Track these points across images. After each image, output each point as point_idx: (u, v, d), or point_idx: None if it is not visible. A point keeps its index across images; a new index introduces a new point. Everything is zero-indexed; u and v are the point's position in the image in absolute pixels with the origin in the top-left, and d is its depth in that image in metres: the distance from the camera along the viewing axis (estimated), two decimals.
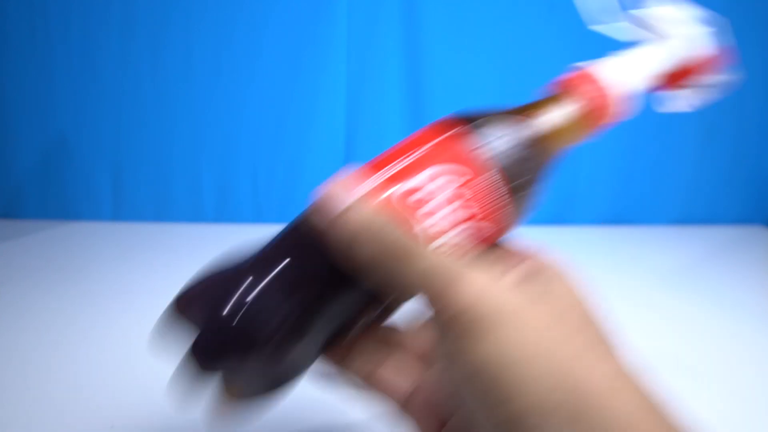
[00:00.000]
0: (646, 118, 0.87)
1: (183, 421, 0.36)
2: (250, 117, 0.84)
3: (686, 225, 0.89)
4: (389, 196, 0.23)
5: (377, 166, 0.24)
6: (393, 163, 0.24)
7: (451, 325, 0.19)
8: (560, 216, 0.88)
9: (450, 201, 0.23)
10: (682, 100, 0.29)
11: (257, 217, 0.87)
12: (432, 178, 0.23)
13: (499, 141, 0.24)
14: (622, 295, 0.60)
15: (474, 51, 0.82)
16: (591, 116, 0.26)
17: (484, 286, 0.19)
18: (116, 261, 0.69)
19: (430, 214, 0.23)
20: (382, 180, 0.23)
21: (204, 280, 0.25)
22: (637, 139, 0.87)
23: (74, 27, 0.80)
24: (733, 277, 0.66)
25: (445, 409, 0.24)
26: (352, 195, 0.22)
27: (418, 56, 0.82)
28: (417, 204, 0.23)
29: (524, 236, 0.26)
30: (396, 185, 0.23)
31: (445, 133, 0.24)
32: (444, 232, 0.23)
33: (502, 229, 0.25)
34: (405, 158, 0.24)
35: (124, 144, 0.84)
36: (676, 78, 0.28)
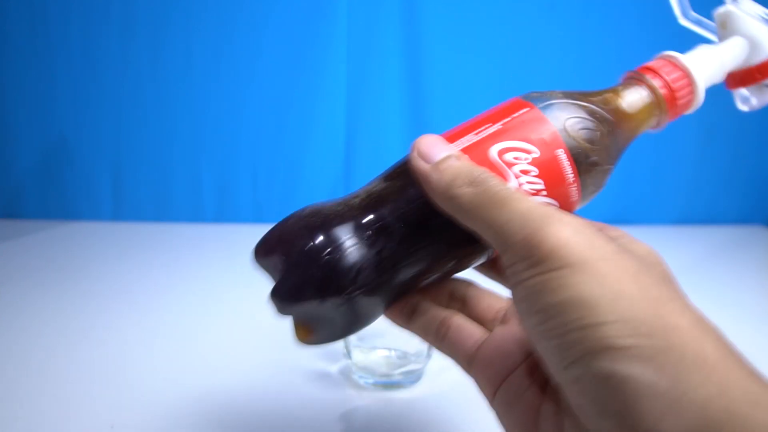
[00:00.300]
0: None
1: (183, 421, 0.36)
2: (250, 117, 0.84)
3: (686, 225, 0.89)
4: (484, 151, 0.24)
5: (461, 132, 0.25)
6: (474, 132, 0.25)
7: (545, 260, 0.19)
8: None
9: (522, 173, 0.24)
10: (747, 99, 0.30)
11: (257, 217, 0.87)
12: (507, 151, 0.24)
13: (570, 122, 0.25)
14: None
15: (474, 51, 0.82)
16: (664, 103, 0.27)
17: (576, 229, 0.20)
18: (116, 261, 0.69)
19: (521, 174, 0.24)
20: (473, 141, 0.25)
21: (287, 225, 0.25)
22: (637, 139, 0.87)
23: (74, 27, 0.80)
24: (733, 277, 0.67)
25: (506, 366, 0.25)
26: (446, 147, 0.24)
27: (418, 56, 0.82)
28: (511, 162, 0.24)
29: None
30: (487, 144, 0.25)
31: (520, 110, 0.25)
32: (531, 193, 0.25)
33: (570, 206, 0.26)
34: (483, 129, 0.25)
35: (124, 144, 0.84)
36: (744, 77, 0.29)
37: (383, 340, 0.41)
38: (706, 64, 0.28)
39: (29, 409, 0.37)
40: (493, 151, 0.24)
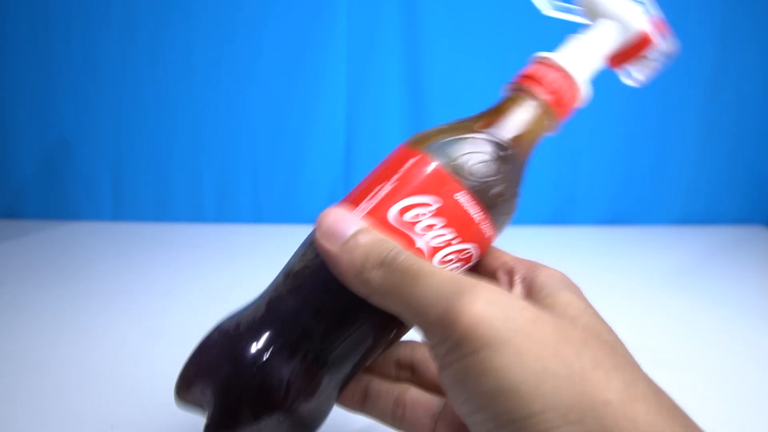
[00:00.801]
0: (646, 119, 0.88)
1: (183, 421, 0.36)
2: (250, 117, 0.84)
3: (686, 225, 0.89)
4: (384, 216, 0.23)
5: (358, 197, 0.24)
6: (372, 193, 0.24)
7: (462, 342, 0.18)
8: (560, 216, 0.88)
9: (428, 229, 0.23)
10: (630, 76, 0.30)
11: (257, 217, 0.87)
12: (407, 210, 0.23)
13: (462, 160, 0.24)
14: (622, 295, 0.60)
15: (474, 51, 0.82)
16: (554, 108, 0.26)
17: (490, 300, 0.19)
18: (116, 261, 0.69)
19: (426, 230, 0.23)
20: (371, 206, 0.23)
21: (204, 349, 0.24)
22: (637, 139, 0.87)
23: (74, 27, 0.80)
24: (733, 277, 0.67)
25: None
26: (352, 221, 0.22)
27: (418, 56, 0.82)
28: (413, 221, 0.23)
29: (511, 250, 0.26)
30: (386, 207, 0.23)
31: (409, 160, 0.24)
32: (440, 249, 0.23)
33: (486, 243, 0.25)
34: (379, 190, 0.24)
35: (124, 144, 0.84)
36: (623, 56, 0.29)
37: None
38: (583, 57, 0.28)
39: (29, 409, 0.37)
40: (392, 213, 0.23)
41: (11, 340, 0.47)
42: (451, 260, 0.24)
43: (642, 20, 0.28)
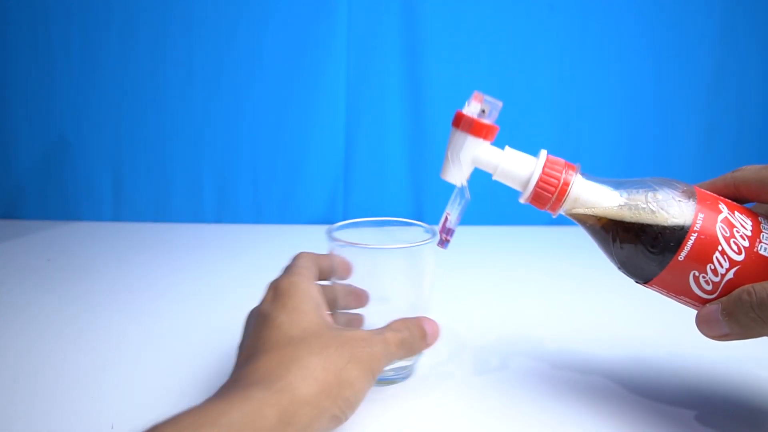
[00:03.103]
0: (647, 119, 0.87)
1: None
2: (250, 117, 0.84)
3: None
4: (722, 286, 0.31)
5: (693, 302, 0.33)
6: (694, 294, 0.33)
7: None
8: (560, 216, 0.88)
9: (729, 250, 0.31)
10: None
11: (257, 217, 0.87)
12: (708, 267, 0.32)
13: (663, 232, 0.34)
14: (623, 295, 0.60)
15: (474, 52, 0.82)
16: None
17: None
18: (116, 261, 0.69)
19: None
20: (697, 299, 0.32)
21: None
22: (637, 140, 0.87)
23: (74, 27, 0.80)
24: None
25: None
26: (707, 310, 0.31)
27: (418, 56, 0.82)
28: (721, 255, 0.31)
29: None
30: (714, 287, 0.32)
31: (675, 270, 0.33)
32: (738, 237, 0.31)
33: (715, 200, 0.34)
34: (689, 287, 0.32)
35: (124, 144, 0.84)
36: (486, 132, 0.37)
37: None
38: (515, 159, 0.36)
39: (29, 409, 0.37)
40: (704, 280, 0.31)
41: (11, 340, 0.47)
42: (746, 230, 0.32)
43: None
